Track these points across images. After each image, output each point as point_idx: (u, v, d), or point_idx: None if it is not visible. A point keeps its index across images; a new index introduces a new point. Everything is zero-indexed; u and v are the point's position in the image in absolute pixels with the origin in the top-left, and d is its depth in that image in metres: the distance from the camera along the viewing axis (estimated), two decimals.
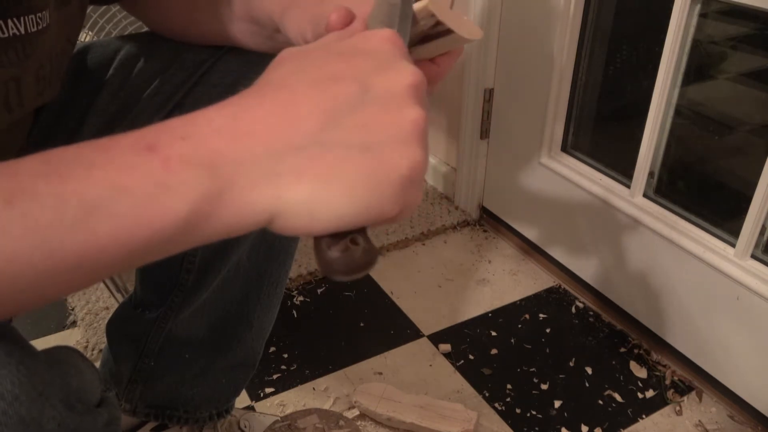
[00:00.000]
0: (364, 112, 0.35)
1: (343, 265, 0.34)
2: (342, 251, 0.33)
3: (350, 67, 0.37)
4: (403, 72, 0.37)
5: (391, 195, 0.33)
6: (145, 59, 0.73)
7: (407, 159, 0.34)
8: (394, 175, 0.33)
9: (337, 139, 0.34)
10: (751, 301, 1.06)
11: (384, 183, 0.33)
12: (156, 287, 0.84)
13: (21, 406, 0.35)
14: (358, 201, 0.33)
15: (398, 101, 0.36)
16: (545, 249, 1.46)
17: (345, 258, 0.34)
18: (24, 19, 0.53)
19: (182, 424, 0.92)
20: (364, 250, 0.34)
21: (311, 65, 0.38)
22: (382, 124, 0.35)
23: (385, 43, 0.40)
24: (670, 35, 1.08)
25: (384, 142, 0.34)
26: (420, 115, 0.35)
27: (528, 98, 1.38)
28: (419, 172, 0.34)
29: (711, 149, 1.25)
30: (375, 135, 0.34)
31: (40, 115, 0.71)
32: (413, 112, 0.35)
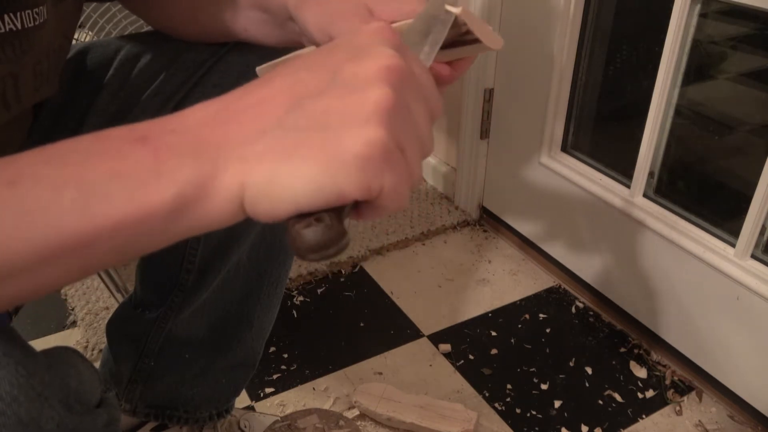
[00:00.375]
0: (328, 96, 0.35)
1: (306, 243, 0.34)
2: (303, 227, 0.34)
3: (329, 58, 0.39)
4: (376, 56, 0.37)
5: (346, 174, 0.33)
6: (145, 59, 0.73)
7: (362, 137, 0.33)
8: (347, 154, 0.33)
9: (298, 123, 0.35)
10: (751, 301, 1.06)
11: (337, 162, 0.33)
12: (156, 287, 0.84)
13: (20, 406, 0.35)
14: (311, 181, 0.33)
15: (364, 83, 0.36)
16: (545, 249, 1.46)
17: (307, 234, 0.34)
18: (21, 14, 0.53)
19: (182, 424, 0.92)
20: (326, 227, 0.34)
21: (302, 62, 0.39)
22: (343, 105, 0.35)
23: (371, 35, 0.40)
24: (670, 35, 1.08)
25: (342, 123, 0.34)
26: (384, 94, 0.35)
27: (528, 98, 1.38)
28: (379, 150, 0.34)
29: (711, 149, 1.25)
30: (335, 117, 0.34)
31: (40, 114, 0.71)
32: (378, 91, 0.35)
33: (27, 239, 0.32)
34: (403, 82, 0.37)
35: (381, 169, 0.34)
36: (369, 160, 0.34)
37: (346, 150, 0.33)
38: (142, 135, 0.35)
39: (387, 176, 0.34)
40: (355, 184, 0.33)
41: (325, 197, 0.33)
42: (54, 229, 0.32)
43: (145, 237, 0.34)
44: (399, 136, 0.35)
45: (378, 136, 0.34)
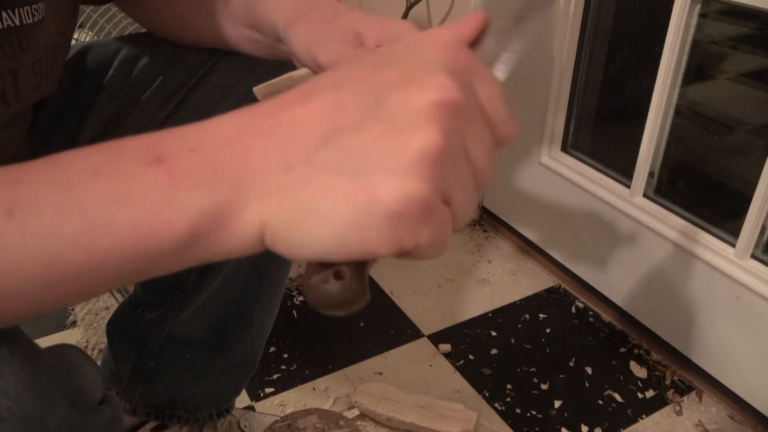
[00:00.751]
0: (366, 132, 0.31)
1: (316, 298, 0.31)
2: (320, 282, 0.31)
3: (376, 75, 0.33)
4: (428, 86, 0.31)
5: (375, 232, 0.29)
6: (145, 60, 0.73)
7: (398, 191, 0.29)
8: (379, 208, 0.29)
9: (328, 160, 0.30)
10: (751, 301, 1.06)
11: (365, 217, 0.29)
12: (156, 287, 0.84)
13: (25, 403, 0.35)
14: (336, 235, 0.30)
15: (410, 122, 0.30)
16: (545, 249, 1.46)
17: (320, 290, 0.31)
18: (19, 10, 0.53)
19: (182, 423, 0.92)
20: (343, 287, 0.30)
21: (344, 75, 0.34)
22: (382, 147, 0.30)
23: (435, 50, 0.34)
24: (670, 35, 1.08)
25: (377, 170, 0.30)
26: (433, 140, 0.30)
27: (528, 98, 1.38)
28: (416, 206, 0.29)
29: (711, 149, 1.25)
30: (370, 159, 0.30)
31: (40, 114, 0.71)
32: (424, 136, 0.30)
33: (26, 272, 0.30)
34: (459, 120, 0.32)
35: (417, 225, 0.30)
36: (404, 217, 0.29)
37: (379, 203, 0.29)
38: (159, 154, 0.31)
39: (424, 233, 0.30)
40: (385, 242, 0.30)
41: (349, 252, 0.30)
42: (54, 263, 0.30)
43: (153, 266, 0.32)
44: (445, 186, 0.31)
45: (417, 191, 0.29)
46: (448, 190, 0.31)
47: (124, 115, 0.71)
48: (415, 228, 0.30)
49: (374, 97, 0.32)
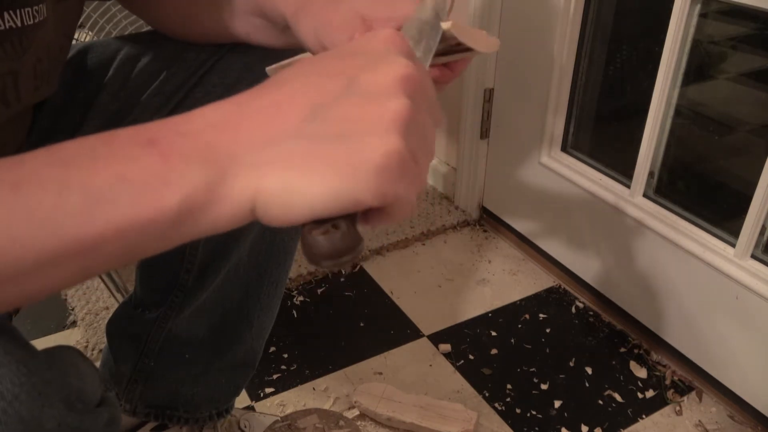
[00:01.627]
0: (346, 104, 0.36)
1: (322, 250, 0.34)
2: (321, 234, 0.34)
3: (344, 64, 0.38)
4: (392, 65, 0.37)
5: (363, 183, 0.33)
6: (145, 59, 0.73)
7: (381, 147, 0.34)
8: (367, 163, 0.33)
9: (315, 131, 0.35)
10: (751, 301, 1.06)
11: (355, 170, 0.33)
12: (156, 287, 0.84)
13: (21, 405, 0.35)
14: (328, 189, 0.33)
15: (382, 92, 0.36)
16: (545, 249, 1.46)
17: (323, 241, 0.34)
18: (20, 11, 0.53)
19: (182, 424, 0.92)
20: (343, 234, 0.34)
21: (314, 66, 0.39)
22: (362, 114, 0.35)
23: (384, 42, 0.40)
24: (670, 35, 1.08)
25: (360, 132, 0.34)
26: (403, 104, 0.35)
27: (528, 98, 1.38)
28: (395, 160, 0.34)
29: (711, 149, 1.25)
30: (353, 126, 0.35)
31: (40, 114, 0.71)
32: (396, 102, 0.35)
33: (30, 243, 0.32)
34: (418, 93, 0.37)
35: (397, 178, 0.34)
36: (387, 169, 0.34)
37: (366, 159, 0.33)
38: (150, 138, 0.34)
39: (402, 185, 0.35)
40: (373, 192, 0.34)
41: (341, 205, 0.33)
42: (57, 233, 0.32)
43: (150, 241, 0.34)
44: (414, 146, 0.36)
45: (397, 147, 0.34)
46: (416, 149, 0.36)
47: (124, 114, 0.72)
48: (395, 180, 0.34)
49: (345, 78, 0.37)
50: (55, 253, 0.32)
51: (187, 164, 0.34)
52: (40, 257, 0.32)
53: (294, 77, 0.38)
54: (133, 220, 0.33)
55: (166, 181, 0.33)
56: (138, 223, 0.33)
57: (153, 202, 0.33)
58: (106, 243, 0.33)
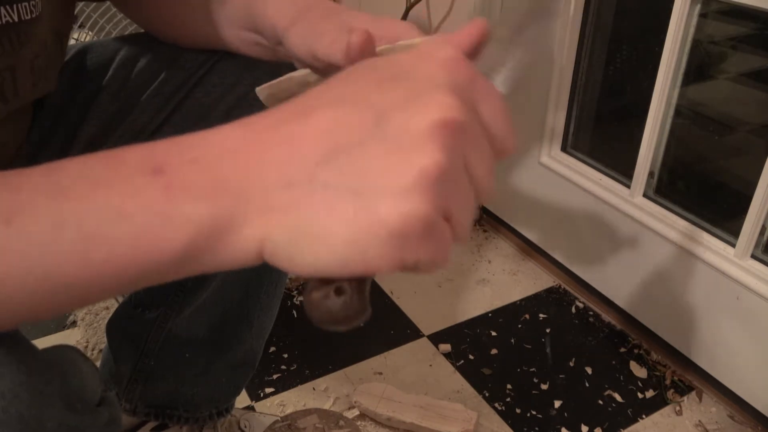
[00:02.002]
0: (367, 152, 0.31)
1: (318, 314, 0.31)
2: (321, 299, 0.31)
3: (381, 93, 0.33)
4: (431, 106, 0.32)
5: (376, 251, 0.30)
6: (144, 60, 0.73)
7: (399, 210, 0.29)
8: (381, 228, 0.30)
9: (330, 179, 0.31)
10: (751, 301, 1.06)
11: (367, 237, 0.30)
12: (156, 287, 0.83)
13: (21, 404, 0.35)
14: (337, 254, 0.30)
15: (413, 141, 0.31)
16: (545, 249, 1.46)
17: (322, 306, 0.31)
18: (17, 6, 0.53)
19: (182, 423, 0.92)
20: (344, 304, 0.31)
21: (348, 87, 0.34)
22: (384, 168, 0.30)
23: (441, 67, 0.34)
24: (670, 35, 1.08)
25: (378, 190, 0.30)
26: (435, 161, 0.30)
27: (528, 98, 1.38)
28: (418, 227, 0.30)
29: (711, 149, 1.25)
30: (371, 180, 0.30)
31: (40, 114, 0.71)
32: (425, 156, 0.30)
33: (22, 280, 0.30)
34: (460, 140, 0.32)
35: (418, 243, 0.30)
36: (405, 236, 0.30)
37: (380, 223, 0.30)
38: (158, 165, 0.31)
39: (425, 250, 0.31)
40: (387, 260, 0.30)
41: (350, 270, 0.30)
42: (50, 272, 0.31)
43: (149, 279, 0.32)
44: (445, 204, 0.31)
45: (418, 211, 0.30)
46: (448, 207, 0.31)
47: (123, 115, 0.71)
48: (416, 246, 0.30)
49: (375, 116, 0.32)
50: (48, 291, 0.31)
51: (192, 202, 0.31)
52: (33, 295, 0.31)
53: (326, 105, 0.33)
54: (132, 261, 0.31)
55: (169, 220, 0.31)
56: (136, 264, 0.31)
57: (154, 242, 0.31)
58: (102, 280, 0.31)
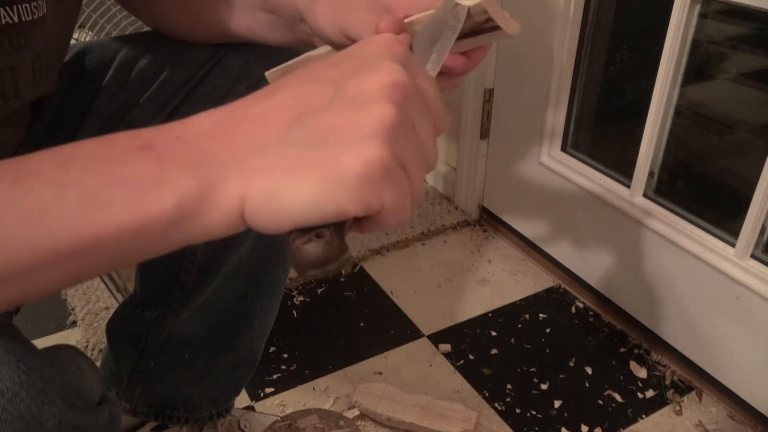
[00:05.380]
0: (330, 112, 0.35)
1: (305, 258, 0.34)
2: (304, 243, 0.34)
3: (333, 70, 0.39)
4: (381, 71, 0.37)
5: (345, 193, 0.33)
6: (144, 60, 0.72)
7: (361, 156, 0.33)
8: (347, 172, 0.33)
9: (299, 139, 0.35)
10: (751, 301, 1.06)
11: (335, 181, 0.33)
12: (156, 287, 0.84)
13: (21, 402, 0.35)
14: (310, 199, 0.33)
15: (367, 99, 0.35)
16: (545, 249, 1.46)
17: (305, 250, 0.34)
18: (17, 7, 0.53)
19: (182, 423, 0.92)
20: (326, 243, 0.34)
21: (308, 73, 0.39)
22: (345, 122, 0.35)
23: (379, 46, 0.40)
24: (670, 35, 1.08)
25: (341, 140, 0.34)
26: (387, 111, 0.35)
27: (528, 98, 1.38)
28: (378, 169, 0.34)
29: (711, 149, 1.25)
30: (336, 133, 0.34)
31: (39, 114, 0.71)
32: (381, 108, 0.35)
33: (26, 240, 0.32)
34: (408, 99, 0.37)
35: (381, 186, 0.34)
36: (368, 178, 0.33)
37: (346, 168, 0.33)
38: (146, 142, 0.35)
39: (387, 193, 0.34)
40: (355, 202, 0.33)
41: (324, 214, 0.34)
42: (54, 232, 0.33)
43: (144, 244, 0.35)
44: (401, 153, 0.35)
45: (378, 155, 0.34)
46: (403, 156, 0.35)
47: (123, 115, 0.71)
48: (380, 189, 0.34)
49: (333, 86, 0.37)
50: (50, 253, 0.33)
51: (180, 169, 0.34)
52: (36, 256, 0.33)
53: (288, 85, 0.38)
54: (128, 222, 0.33)
55: (160, 184, 0.34)
56: (133, 225, 0.33)
57: (148, 204, 0.33)
58: (101, 244, 0.33)
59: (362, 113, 0.35)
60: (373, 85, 0.36)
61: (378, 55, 0.39)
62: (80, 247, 0.33)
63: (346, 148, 0.34)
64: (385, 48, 0.40)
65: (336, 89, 0.37)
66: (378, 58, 0.38)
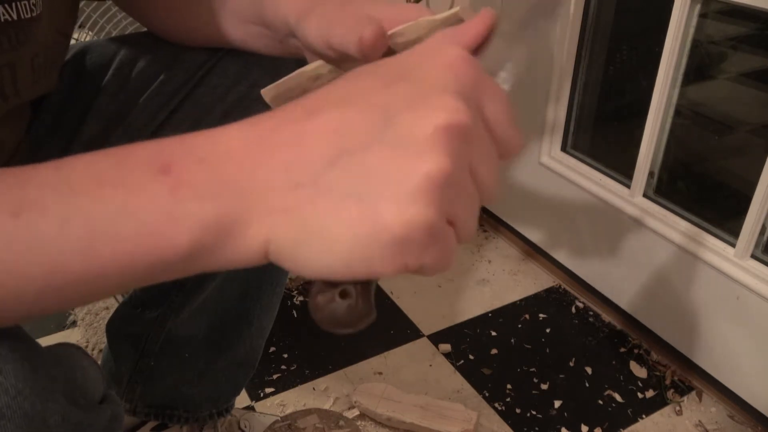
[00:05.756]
0: (373, 154, 0.31)
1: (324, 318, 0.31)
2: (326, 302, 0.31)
3: (386, 94, 0.33)
4: (437, 109, 0.31)
5: (379, 255, 0.30)
6: (144, 60, 0.72)
7: (403, 217, 0.29)
8: (384, 234, 0.30)
9: (335, 182, 0.31)
10: (751, 301, 1.06)
11: (370, 242, 0.30)
12: (156, 287, 0.84)
13: (25, 400, 0.35)
14: (339, 257, 0.30)
15: (418, 146, 0.30)
16: (545, 249, 1.46)
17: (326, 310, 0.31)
18: (16, 5, 0.53)
19: (182, 423, 0.92)
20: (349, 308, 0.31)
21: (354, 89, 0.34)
22: (389, 172, 0.30)
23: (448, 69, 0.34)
24: (670, 35, 1.08)
25: (383, 195, 0.30)
26: (440, 166, 0.30)
27: (528, 98, 1.38)
28: (421, 232, 0.30)
29: (711, 149, 1.25)
30: (376, 185, 0.30)
31: (39, 114, 0.71)
32: (431, 162, 0.30)
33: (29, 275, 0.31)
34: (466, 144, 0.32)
35: (422, 249, 0.31)
36: (408, 241, 0.30)
37: (383, 228, 0.30)
38: (165, 163, 0.31)
39: (428, 255, 0.31)
40: (389, 265, 0.30)
41: (351, 273, 0.31)
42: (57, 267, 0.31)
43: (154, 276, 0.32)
44: (450, 209, 0.31)
45: (422, 217, 0.30)
46: (453, 212, 0.31)
47: (123, 115, 0.71)
48: (420, 251, 0.31)
49: (382, 118, 0.32)
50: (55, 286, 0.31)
51: (198, 201, 0.31)
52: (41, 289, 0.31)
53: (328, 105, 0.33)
54: (138, 258, 0.31)
55: (174, 218, 0.31)
56: (143, 261, 0.31)
57: (159, 241, 0.31)
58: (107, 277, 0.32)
59: (409, 164, 0.30)
60: (426, 127, 0.31)
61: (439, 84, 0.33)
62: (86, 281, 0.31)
63: (386, 205, 0.30)
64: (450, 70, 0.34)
65: (384, 123, 0.31)
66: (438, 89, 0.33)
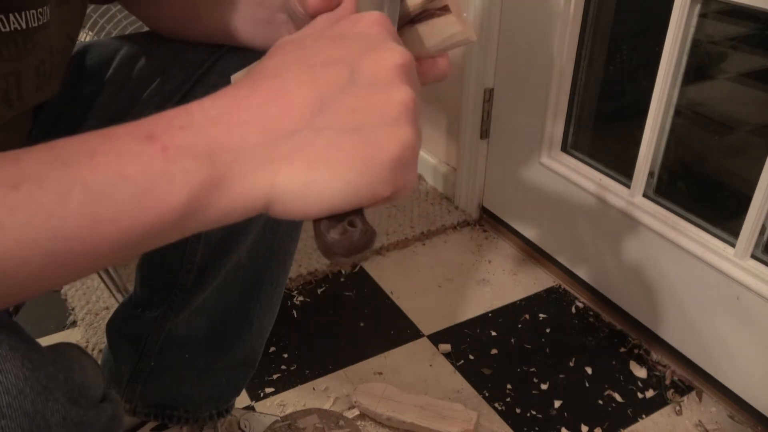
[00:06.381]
0: (353, 95, 0.36)
1: (342, 248, 0.34)
2: (340, 234, 0.34)
3: (339, 51, 0.38)
4: (390, 53, 0.37)
5: (381, 176, 0.34)
6: (144, 59, 0.73)
7: (397, 140, 0.34)
8: (384, 156, 0.34)
9: (328, 124, 0.35)
10: (751, 300, 1.06)
11: (374, 165, 0.34)
12: (156, 287, 0.84)
13: (25, 399, 0.35)
14: (349, 184, 0.33)
15: (386, 82, 0.36)
16: (545, 249, 1.46)
17: (344, 240, 0.34)
18: (25, 13, 0.53)
19: (182, 423, 0.92)
20: (361, 232, 0.34)
21: (302, 52, 0.39)
22: (371, 106, 0.35)
23: (373, 26, 0.40)
24: (670, 35, 1.08)
25: (373, 124, 0.34)
26: (408, 95, 0.36)
27: (528, 98, 1.38)
28: (410, 152, 0.35)
29: (711, 149, 1.25)
30: (364, 117, 0.35)
31: (40, 115, 0.71)
32: (401, 92, 0.36)
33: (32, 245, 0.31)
34: (414, 79, 0.37)
35: (410, 167, 0.35)
36: (403, 160, 0.34)
37: (382, 152, 0.34)
38: (148, 133, 0.33)
39: (412, 171, 0.35)
40: (390, 185, 0.34)
41: (360, 199, 0.34)
42: (60, 234, 0.31)
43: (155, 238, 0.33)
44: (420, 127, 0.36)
45: (411, 138, 0.35)
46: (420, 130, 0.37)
47: (124, 114, 0.71)
48: (408, 168, 0.35)
49: (345, 66, 0.37)
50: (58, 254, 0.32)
51: (190, 158, 0.33)
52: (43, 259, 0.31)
53: (285, 67, 0.38)
54: (138, 220, 0.32)
55: (169, 177, 0.32)
56: (142, 222, 0.32)
57: (158, 200, 0.32)
58: (110, 242, 0.32)
59: (385, 96, 0.35)
60: (387, 66, 0.36)
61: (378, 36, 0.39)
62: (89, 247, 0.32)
63: (379, 131, 0.34)
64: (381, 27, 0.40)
65: (350, 69, 0.37)
66: (380, 39, 0.39)
